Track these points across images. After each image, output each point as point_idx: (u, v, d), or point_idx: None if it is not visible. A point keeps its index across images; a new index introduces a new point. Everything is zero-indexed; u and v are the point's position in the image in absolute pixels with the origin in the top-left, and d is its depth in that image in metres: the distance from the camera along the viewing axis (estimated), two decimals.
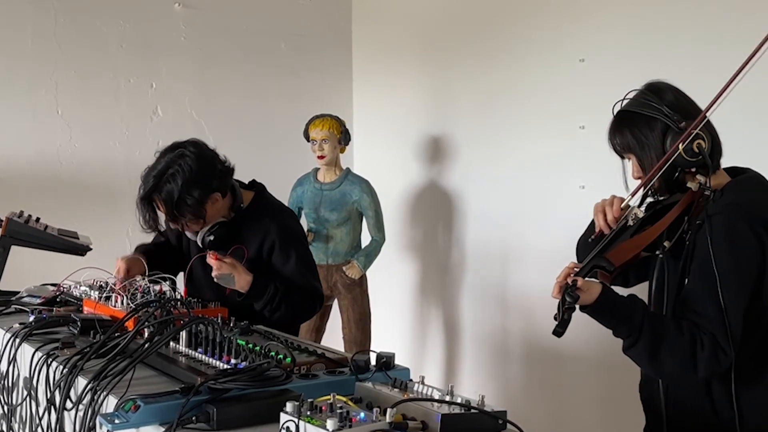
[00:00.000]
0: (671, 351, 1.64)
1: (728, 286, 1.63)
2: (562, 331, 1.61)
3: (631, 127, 1.79)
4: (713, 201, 1.71)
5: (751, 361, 1.70)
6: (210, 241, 2.45)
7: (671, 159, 1.70)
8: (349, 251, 4.01)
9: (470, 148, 4.12)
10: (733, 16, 2.93)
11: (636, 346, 1.66)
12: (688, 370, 1.65)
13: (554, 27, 3.64)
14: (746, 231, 1.66)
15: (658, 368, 1.69)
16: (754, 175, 1.82)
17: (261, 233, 2.49)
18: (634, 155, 1.79)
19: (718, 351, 1.62)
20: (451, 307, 4.33)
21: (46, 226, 2.68)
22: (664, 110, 1.74)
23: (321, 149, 3.94)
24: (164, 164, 2.36)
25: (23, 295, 2.60)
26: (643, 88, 1.81)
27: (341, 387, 1.50)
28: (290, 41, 4.72)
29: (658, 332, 1.65)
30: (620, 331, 1.68)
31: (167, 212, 2.37)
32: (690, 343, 1.63)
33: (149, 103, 4.27)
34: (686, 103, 1.78)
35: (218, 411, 1.40)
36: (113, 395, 1.54)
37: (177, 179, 2.32)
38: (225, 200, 2.46)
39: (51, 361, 1.84)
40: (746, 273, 1.66)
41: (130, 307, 2.07)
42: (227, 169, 2.46)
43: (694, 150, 1.70)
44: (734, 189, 1.74)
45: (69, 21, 4.04)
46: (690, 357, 1.63)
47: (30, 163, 3.95)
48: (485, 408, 1.37)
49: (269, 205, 2.62)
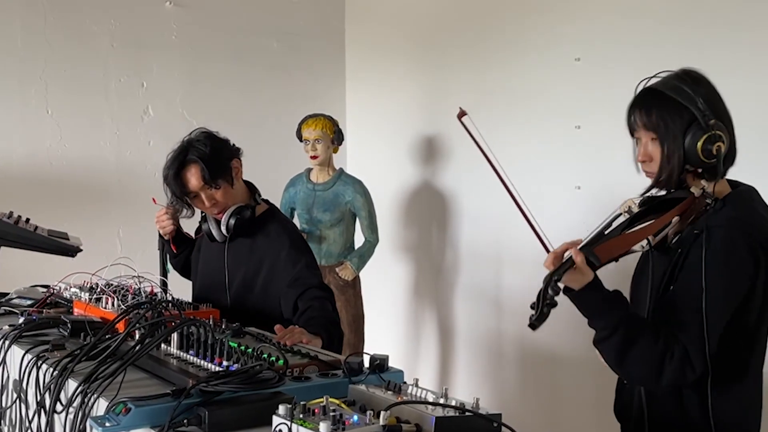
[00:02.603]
0: (641, 355, 1.63)
1: (714, 303, 1.60)
2: (538, 325, 1.59)
3: (660, 108, 1.70)
4: (714, 211, 1.67)
5: (725, 374, 1.67)
6: (236, 221, 2.46)
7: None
8: (342, 252, 3.99)
9: (465, 148, 4.11)
10: (730, 16, 2.93)
11: (608, 342, 1.65)
12: (652, 377, 1.64)
13: (549, 26, 3.63)
14: (744, 250, 1.62)
15: (624, 368, 1.67)
16: (752, 189, 1.77)
17: (275, 245, 2.50)
18: (658, 138, 1.70)
19: (686, 365, 1.61)
20: (446, 308, 4.32)
21: (35, 227, 2.66)
22: (699, 102, 1.66)
23: (314, 149, 3.92)
24: (183, 143, 2.44)
25: (13, 297, 2.59)
26: (681, 72, 1.73)
27: (334, 389, 1.49)
28: (283, 40, 4.70)
29: (633, 334, 1.63)
30: (596, 323, 1.67)
31: (201, 174, 2.38)
32: (661, 352, 1.62)
33: (140, 102, 4.25)
34: (717, 101, 1.71)
35: (210, 414, 1.38)
36: (104, 398, 1.53)
37: (202, 144, 2.41)
38: (240, 184, 2.53)
39: (41, 364, 1.83)
40: (735, 293, 1.63)
41: (120, 309, 2.05)
42: (238, 148, 2.56)
43: (712, 152, 1.65)
44: (736, 202, 1.69)
45: (59, 19, 4.02)
46: (657, 365, 1.62)
47: (19, 163, 3.92)
48: (480, 411, 1.36)
49: (281, 217, 2.67)
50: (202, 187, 2.41)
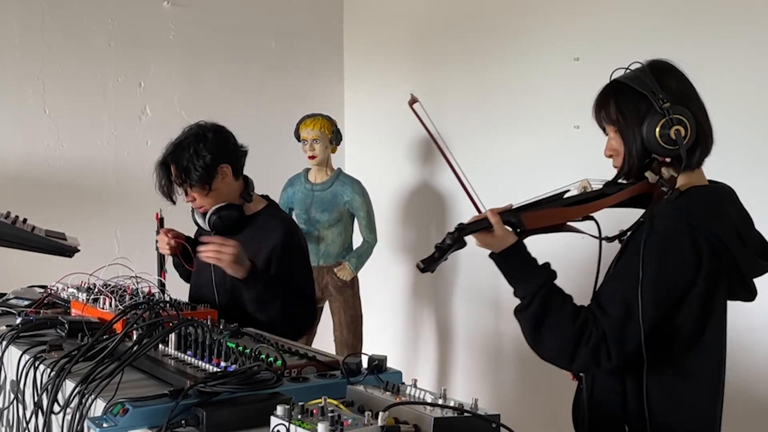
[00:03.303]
0: (554, 331, 1.58)
1: (644, 294, 1.52)
2: (423, 266, 1.59)
3: (618, 99, 1.66)
4: (666, 201, 1.60)
5: (661, 371, 1.61)
6: (215, 220, 2.47)
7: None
8: (340, 253, 3.99)
9: (463, 148, 4.09)
10: (728, 14, 2.93)
11: (525, 312, 1.62)
12: (564, 357, 1.58)
13: (548, 25, 3.63)
14: (687, 244, 1.54)
15: (536, 342, 1.62)
16: (723, 187, 1.69)
17: (269, 238, 2.50)
18: (618, 130, 1.66)
19: (601, 351, 1.54)
20: (444, 309, 4.32)
21: (33, 227, 2.65)
22: (654, 87, 1.59)
23: (312, 149, 3.92)
24: (183, 134, 2.49)
25: (10, 297, 2.58)
26: (646, 62, 1.68)
27: (332, 390, 1.49)
28: (281, 39, 4.70)
29: (549, 307, 1.58)
30: (517, 292, 1.64)
31: (176, 174, 2.43)
32: (577, 332, 1.55)
33: (138, 102, 4.24)
34: (685, 90, 1.64)
35: (208, 414, 1.38)
36: (101, 398, 1.52)
37: (191, 143, 2.43)
38: (235, 183, 2.52)
39: (38, 364, 1.82)
40: (669, 286, 1.55)
41: (118, 309, 2.04)
42: (241, 151, 2.56)
43: (671, 136, 1.57)
44: (693, 195, 1.61)
45: (56, 19, 4.01)
46: (570, 345, 1.56)
47: (17, 163, 3.91)
48: (478, 411, 1.36)
49: (280, 214, 2.67)
50: (179, 185, 2.46)
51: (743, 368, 2.88)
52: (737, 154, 2.77)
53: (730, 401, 1.76)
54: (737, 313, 1.78)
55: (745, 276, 1.64)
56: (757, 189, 2.72)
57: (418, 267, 1.62)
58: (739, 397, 2.65)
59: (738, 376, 2.61)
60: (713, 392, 1.67)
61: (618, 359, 1.55)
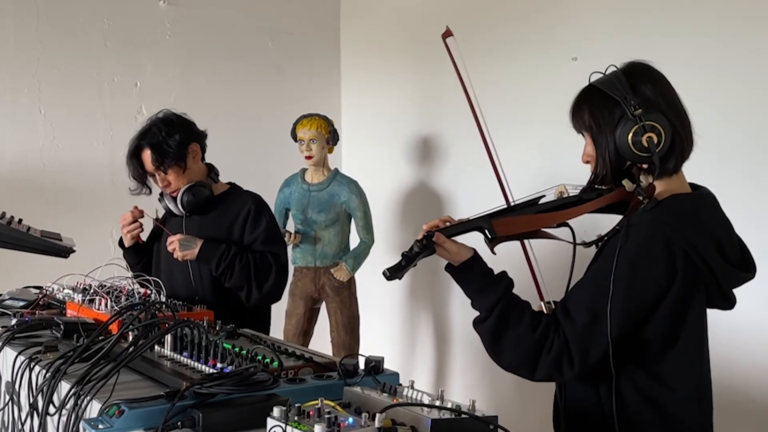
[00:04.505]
0: (513, 343, 1.55)
1: (613, 303, 1.49)
2: (389, 275, 1.59)
3: (592, 105, 1.62)
4: (643, 210, 1.55)
5: (630, 381, 1.57)
6: (190, 198, 2.60)
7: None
8: (337, 253, 3.98)
9: (460, 148, 4.11)
10: (727, 14, 2.93)
11: (482, 325, 1.60)
12: (526, 367, 1.56)
13: (546, 25, 3.63)
14: (661, 255, 1.50)
15: (495, 354, 1.59)
16: (705, 194, 1.64)
17: (238, 206, 2.65)
18: (591, 136, 1.63)
19: (563, 360, 1.52)
20: (442, 310, 4.31)
21: (28, 228, 2.64)
22: (627, 93, 1.55)
23: (309, 149, 3.91)
24: (148, 123, 2.64)
25: (5, 298, 2.58)
26: (624, 65, 1.64)
27: (329, 392, 1.49)
28: (277, 39, 4.69)
29: (508, 320, 1.56)
30: (475, 305, 1.63)
31: (152, 158, 2.55)
32: (538, 341, 1.53)
33: (133, 102, 4.23)
34: (662, 95, 1.59)
35: (204, 416, 1.38)
36: (97, 400, 1.52)
37: (159, 127, 2.58)
38: (203, 165, 2.68)
39: (34, 365, 1.82)
40: (639, 298, 1.51)
41: (114, 310, 2.04)
42: (203, 132, 2.72)
43: (643, 144, 1.53)
44: (671, 204, 1.56)
45: (52, 18, 4.00)
46: (532, 355, 1.53)
47: (12, 164, 3.90)
48: (476, 413, 1.35)
49: (247, 191, 2.77)
50: (155, 170, 2.57)
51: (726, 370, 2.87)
52: (738, 154, 2.78)
53: (729, 405, 1.72)
54: (737, 313, 1.77)
55: (723, 288, 1.60)
56: (758, 189, 2.72)
57: (384, 275, 1.61)
58: (737, 399, 2.65)
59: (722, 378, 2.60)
60: (693, 399, 1.61)
61: (580, 367, 1.52)
